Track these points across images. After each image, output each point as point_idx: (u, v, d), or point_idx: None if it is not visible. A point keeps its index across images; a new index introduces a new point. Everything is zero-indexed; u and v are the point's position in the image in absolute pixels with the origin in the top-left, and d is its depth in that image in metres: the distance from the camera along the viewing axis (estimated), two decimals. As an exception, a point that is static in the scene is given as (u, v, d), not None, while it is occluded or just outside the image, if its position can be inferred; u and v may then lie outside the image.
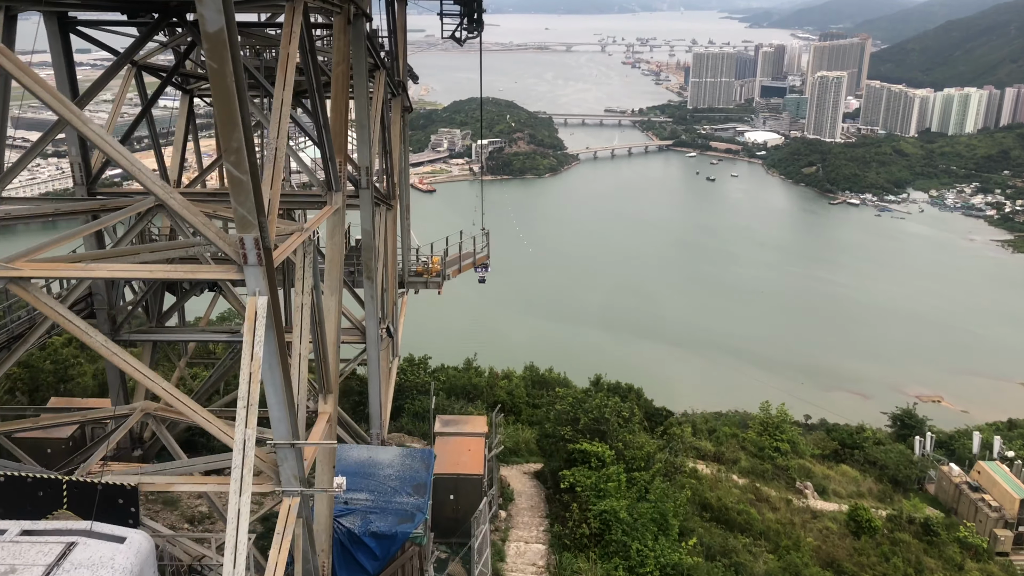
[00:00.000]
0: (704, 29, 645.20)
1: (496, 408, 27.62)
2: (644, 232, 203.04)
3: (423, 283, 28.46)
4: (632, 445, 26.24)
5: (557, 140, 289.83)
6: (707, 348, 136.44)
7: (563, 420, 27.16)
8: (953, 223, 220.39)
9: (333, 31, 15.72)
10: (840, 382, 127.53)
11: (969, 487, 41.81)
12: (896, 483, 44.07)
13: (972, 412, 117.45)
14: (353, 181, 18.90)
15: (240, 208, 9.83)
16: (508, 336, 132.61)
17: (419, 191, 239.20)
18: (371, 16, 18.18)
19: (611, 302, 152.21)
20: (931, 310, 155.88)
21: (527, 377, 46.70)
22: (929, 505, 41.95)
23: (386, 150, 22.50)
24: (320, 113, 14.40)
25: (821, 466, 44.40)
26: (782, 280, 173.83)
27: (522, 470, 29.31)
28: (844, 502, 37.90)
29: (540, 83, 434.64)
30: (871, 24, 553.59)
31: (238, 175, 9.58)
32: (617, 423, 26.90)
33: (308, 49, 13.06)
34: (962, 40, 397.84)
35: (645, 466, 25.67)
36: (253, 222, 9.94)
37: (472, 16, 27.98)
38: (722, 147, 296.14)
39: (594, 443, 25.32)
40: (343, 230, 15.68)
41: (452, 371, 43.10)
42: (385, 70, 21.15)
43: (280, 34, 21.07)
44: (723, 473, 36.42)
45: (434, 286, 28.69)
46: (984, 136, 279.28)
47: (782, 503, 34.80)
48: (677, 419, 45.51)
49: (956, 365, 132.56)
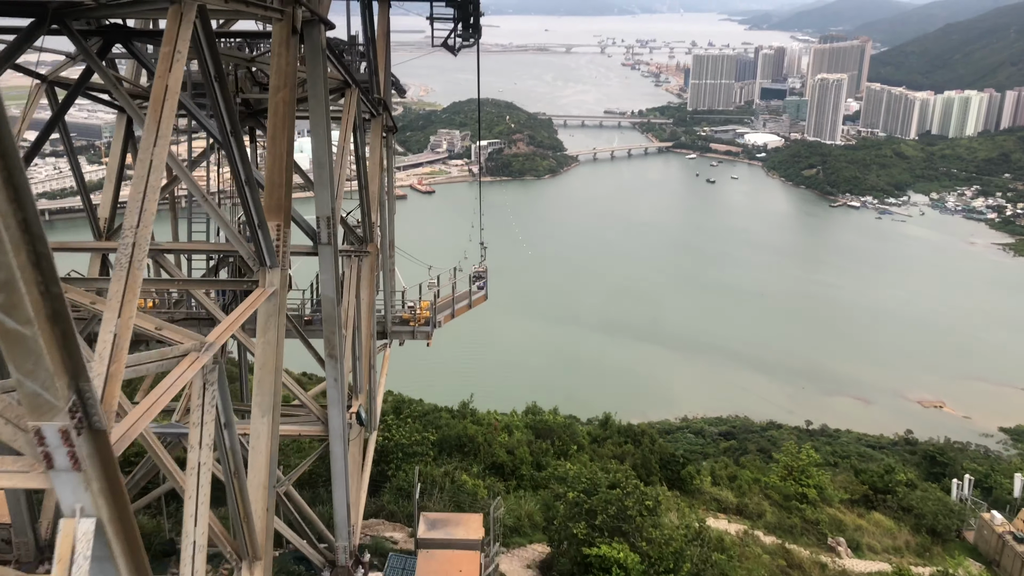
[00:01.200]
0: (704, 31, 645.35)
1: (495, 503, 23.17)
2: (644, 234, 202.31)
3: (409, 333, 25.00)
4: (657, 541, 22.44)
5: (557, 141, 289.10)
6: (708, 351, 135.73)
7: (575, 514, 23.13)
8: (954, 226, 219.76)
9: (271, 43, 11.89)
10: (841, 387, 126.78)
11: (1014, 538, 38.53)
12: (934, 533, 41.01)
13: (975, 418, 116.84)
14: (310, 235, 14.91)
15: (27, 382, 5.14)
16: (506, 341, 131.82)
17: (418, 192, 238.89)
18: (331, 22, 14.43)
19: (611, 305, 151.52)
20: (932, 314, 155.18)
21: (530, 423, 41.78)
22: (969, 556, 39.30)
23: (361, 184, 18.30)
24: (240, 162, 10.23)
25: (851, 514, 41.53)
26: (783, 283, 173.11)
27: (524, 559, 25.16)
28: (881, 559, 35.65)
29: (540, 84, 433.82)
30: (870, 27, 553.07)
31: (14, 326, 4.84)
32: (640, 514, 23.07)
33: (212, 70, 9.39)
34: (961, 43, 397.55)
35: (675, 567, 22.12)
36: (56, 403, 5.29)
37: (468, 21, 23.98)
38: (722, 149, 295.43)
39: (614, 544, 21.83)
40: (282, 322, 11.34)
41: (446, 415, 39.76)
42: (359, 87, 17.15)
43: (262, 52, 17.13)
44: (748, 536, 33.41)
45: (422, 336, 25.10)
46: (985, 139, 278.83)
47: (816, 569, 32.17)
48: (695, 467, 42.21)
49: (957, 370, 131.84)
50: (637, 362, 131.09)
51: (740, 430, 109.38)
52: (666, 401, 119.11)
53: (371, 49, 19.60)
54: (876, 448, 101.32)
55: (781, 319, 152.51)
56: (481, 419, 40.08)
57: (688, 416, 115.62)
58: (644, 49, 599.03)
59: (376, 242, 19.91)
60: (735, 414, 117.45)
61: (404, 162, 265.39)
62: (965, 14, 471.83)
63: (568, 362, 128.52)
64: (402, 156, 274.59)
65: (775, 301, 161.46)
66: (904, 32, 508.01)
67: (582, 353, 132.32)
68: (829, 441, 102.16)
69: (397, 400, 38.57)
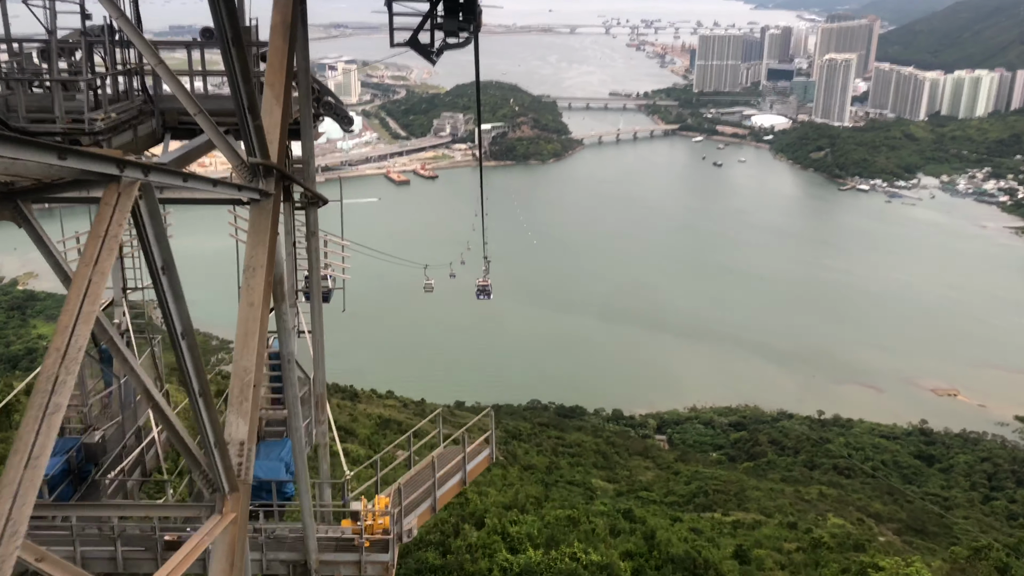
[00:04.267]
0: (709, 10, 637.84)
1: None
2: (649, 219, 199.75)
3: (353, 565, 14.26)
4: None
5: (561, 124, 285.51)
6: (716, 338, 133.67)
7: None
8: (965, 209, 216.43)
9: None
10: (852, 375, 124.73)
11: None
12: None
13: (990, 407, 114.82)
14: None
15: None
16: (511, 329, 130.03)
17: (421, 177, 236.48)
18: (323, 198, 12.30)
19: (617, 291, 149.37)
20: (944, 300, 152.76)
21: None
22: None
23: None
24: None
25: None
26: (792, 268, 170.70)
27: None
28: None
29: (544, 66, 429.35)
30: (877, 5, 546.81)
31: None
32: None
33: (159, 260, 7.03)
34: (971, 21, 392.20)
35: None
36: None
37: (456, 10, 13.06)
38: (729, 131, 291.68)
39: None
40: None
41: None
42: None
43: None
44: None
45: (376, 571, 14.31)
46: (996, 120, 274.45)
47: None
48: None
49: (970, 357, 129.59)
50: (644, 350, 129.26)
51: (750, 420, 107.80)
52: (674, 390, 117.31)
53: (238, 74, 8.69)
54: (890, 438, 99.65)
55: (790, 304, 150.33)
56: None
57: (697, 406, 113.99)
58: (649, 29, 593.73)
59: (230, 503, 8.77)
60: (745, 403, 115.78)
61: (407, 147, 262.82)
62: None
63: (574, 351, 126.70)
64: (405, 140, 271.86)
65: (783, 286, 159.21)
66: (911, 10, 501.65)
67: (588, 341, 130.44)
68: (843, 432, 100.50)
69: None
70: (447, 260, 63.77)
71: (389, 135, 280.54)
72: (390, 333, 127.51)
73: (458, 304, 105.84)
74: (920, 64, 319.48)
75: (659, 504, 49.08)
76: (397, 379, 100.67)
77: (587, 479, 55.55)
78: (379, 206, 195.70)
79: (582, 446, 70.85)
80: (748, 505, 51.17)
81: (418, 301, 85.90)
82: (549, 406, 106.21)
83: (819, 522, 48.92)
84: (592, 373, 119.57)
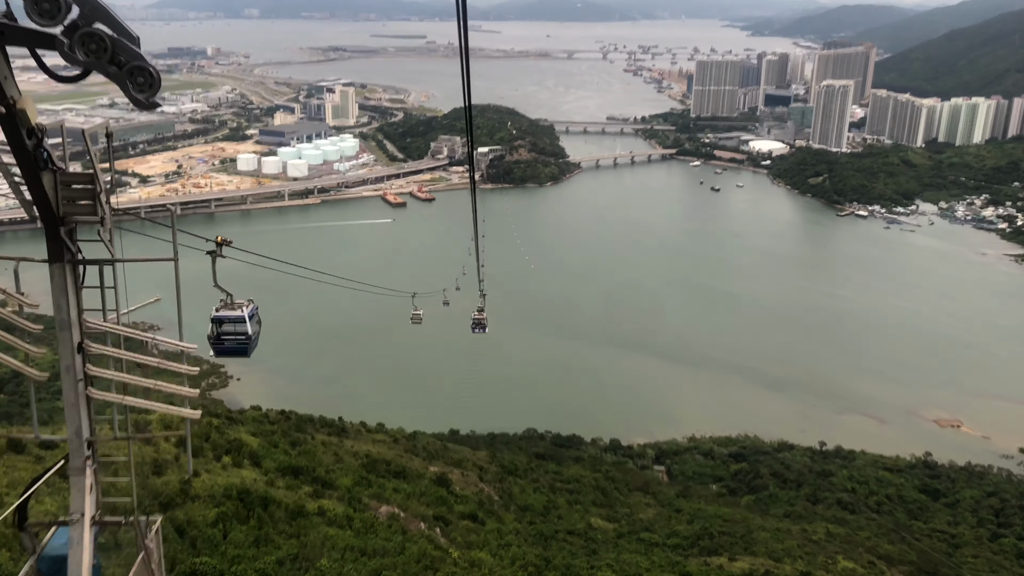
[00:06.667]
0: (706, 37, 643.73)
1: None
2: (647, 244, 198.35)
3: None
4: None
5: (559, 148, 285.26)
6: (714, 365, 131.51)
7: None
8: (964, 236, 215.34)
9: None
10: (854, 404, 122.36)
11: None
12: None
13: (994, 438, 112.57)
14: None
15: None
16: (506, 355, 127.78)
17: (418, 200, 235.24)
18: None
19: (615, 317, 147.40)
20: (945, 327, 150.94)
21: None
22: None
23: None
24: None
25: None
26: (792, 294, 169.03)
27: None
28: None
29: (541, 90, 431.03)
30: (873, 33, 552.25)
31: None
32: None
33: None
34: (966, 49, 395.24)
35: None
36: None
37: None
38: (726, 156, 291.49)
39: None
40: None
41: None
42: None
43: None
44: None
45: None
46: (993, 147, 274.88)
47: None
48: None
49: (973, 387, 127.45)
50: (642, 376, 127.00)
51: (751, 451, 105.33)
52: (673, 419, 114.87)
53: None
54: (894, 471, 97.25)
55: (789, 331, 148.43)
56: None
57: (696, 435, 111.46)
58: (646, 55, 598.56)
59: None
60: (744, 433, 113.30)
61: (404, 169, 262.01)
62: (968, 20, 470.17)
63: (570, 377, 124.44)
64: (402, 163, 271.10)
65: (782, 312, 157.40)
66: (907, 38, 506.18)
67: (585, 367, 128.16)
68: (845, 464, 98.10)
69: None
70: (442, 284, 61.96)
71: (386, 157, 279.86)
72: (382, 360, 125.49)
73: (451, 332, 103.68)
74: (916, 91, 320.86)
75: (662, 547, 46.70)
76: (389, 408, 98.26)
77: (586, 518, 53.12)
78: (376, 228, 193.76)
79: (580, 481, 68.40)
80: (755, 548, 48.88)
81: (410, 328, 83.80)
82: (546, 435, 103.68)
83: (829, 566, 46.68)
84: (589, 400, 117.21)
